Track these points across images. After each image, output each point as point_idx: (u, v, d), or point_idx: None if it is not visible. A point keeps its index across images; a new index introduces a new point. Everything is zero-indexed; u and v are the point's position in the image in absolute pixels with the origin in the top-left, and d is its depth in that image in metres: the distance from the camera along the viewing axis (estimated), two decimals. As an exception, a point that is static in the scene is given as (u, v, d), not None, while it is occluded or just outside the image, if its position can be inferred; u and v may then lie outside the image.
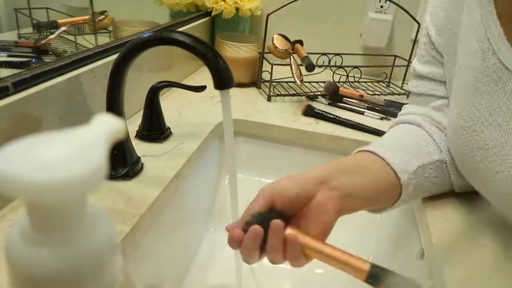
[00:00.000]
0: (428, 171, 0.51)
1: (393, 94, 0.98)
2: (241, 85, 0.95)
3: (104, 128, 0.19)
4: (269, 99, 0.88)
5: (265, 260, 0.72)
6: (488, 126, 0.46)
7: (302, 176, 0.44)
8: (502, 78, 0.45)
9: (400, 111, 0.63)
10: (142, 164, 0.57)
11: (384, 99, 0.91)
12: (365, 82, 1.03)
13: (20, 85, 0.47)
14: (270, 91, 0.89)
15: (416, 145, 0.53)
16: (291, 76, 0.86)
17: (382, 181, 0.48)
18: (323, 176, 0.43)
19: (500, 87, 0.45)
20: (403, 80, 1.01)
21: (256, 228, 0.40)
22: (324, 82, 0.92)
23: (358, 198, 0.45)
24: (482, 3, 0.46)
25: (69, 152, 0.17)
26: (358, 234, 0.73)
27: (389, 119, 0.83)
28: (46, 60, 0.57)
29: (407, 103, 0.63)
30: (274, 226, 0.40)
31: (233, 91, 0.89)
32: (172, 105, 0.79)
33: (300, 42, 0.93)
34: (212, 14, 1.01)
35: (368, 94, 0.93)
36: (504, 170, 0.44)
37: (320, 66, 0.93)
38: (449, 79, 0.54)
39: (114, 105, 0.51)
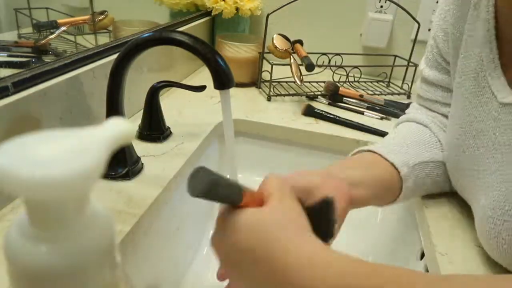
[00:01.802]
0: (429, 168, 0.52)
1: (393, 94, 0.98)
2: (241, 85, 0.95)
3: (111, 130, 0.19)
4: (269, 99, 0.88)
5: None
6: (471, 149, 0.47)
7: (308, 171, 0.43)
8: (488, 103, 0.45)
9: (400, 111, 0.63)
10: (142, 164, 0.57)
11: (384, 99, 0.91)
12: (365, 82, 1.03)
13: (20, 85, 0.47)
14: (270, 91, 0.89)
15: (419, 145, 0.53)
16: (291, 76, 0.86)
17: (386, 175, 0.49)
18: (329, 170, 0.44)
19: (487, 113, 0.45)
20: (403, 80, 1.01)
21: None
22: (324, 82, 0.92)
23: (367, 188, 0.45)
24: (485, 21, 0.45)
25: (68, 150, 0.17)
26: (358, 234, 0.73)
27: (389, 119, 0.83)
28: (46, 60, 0.57)
29: (410, 102, 0.63)
30: None
31: (233, 91, 0.89)
32: (172, 105, 0.79)
33: (300, 42, 0.93)
34: (212, 14, 1.01)
35: (368, 94, 0.93)
36: (479, 199, 0.45)
37: (320, 66, 0.93)
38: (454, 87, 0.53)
39: (114, 105, 0.51)
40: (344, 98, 0.90)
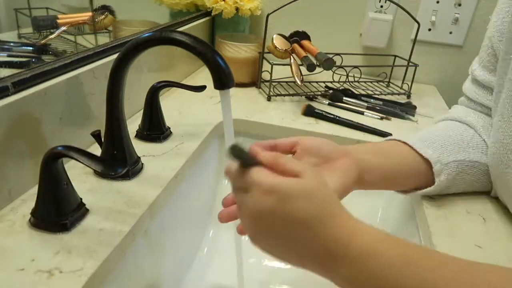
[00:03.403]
0: (463, 168, 0.51)
1: (393, 94, 0.98)
2: (241, 85, 0.95)
3: None
4: (269, 99, 0.88)
5: (266, 261, 0.72)
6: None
7: (333, 144, 0.47)
8: None
9: (399, 110, 0.61)
10: (142, 164, 0.57)
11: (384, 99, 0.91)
12: (365, 82, 1.03)
13: (20, 85, 0.47)
14: (270, 91, 0.89)
15: (457, 141, 0.52)
16: (291, 76, 0.86)
17: (405, 165, 0.49)
18: (349, 150, 0.47)
19: None
20: (403, 80, 1.01)
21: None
22: (324, 82, 0.92)
23: (377, 175, 0.48)
24: None
25: None
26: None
27: (389, 119, 0.83)
28: (46, 60, 0.57)
29: (410, 102, 0.62)
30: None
31: (233, 91, 0.89)
32: (172, 105, 0.79)
33: (297, 41, 0.92)
34: (212, 14, 1.01)
35: (368, 93, 0.93)
36: None
37: (320, 66, 0.93)
38: (498, 86, 0.51)
39: (114, 105, 0.51)
40: (344, 98, 0.90)
